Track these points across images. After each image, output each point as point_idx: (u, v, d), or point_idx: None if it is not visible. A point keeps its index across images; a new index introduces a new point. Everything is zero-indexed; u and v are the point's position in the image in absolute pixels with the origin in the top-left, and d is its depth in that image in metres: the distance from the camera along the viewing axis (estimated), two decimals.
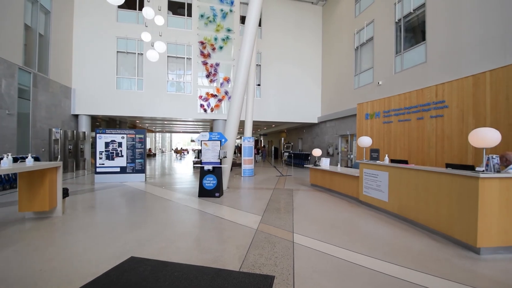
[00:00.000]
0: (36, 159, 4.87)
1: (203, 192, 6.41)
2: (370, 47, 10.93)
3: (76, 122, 12.81)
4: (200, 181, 6.49)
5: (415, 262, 2.88)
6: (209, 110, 13.59)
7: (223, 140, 6.90)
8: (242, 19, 13.69)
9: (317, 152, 8.05)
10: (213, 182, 6.44)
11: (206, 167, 6.54)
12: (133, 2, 12.96)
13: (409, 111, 7.34)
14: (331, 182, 7.16)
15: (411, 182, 4.30)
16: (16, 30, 8.98)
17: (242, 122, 11.60)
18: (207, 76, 13.58)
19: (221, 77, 13.76)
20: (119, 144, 8.87)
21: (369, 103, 8.96)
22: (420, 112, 7.00)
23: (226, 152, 7.16)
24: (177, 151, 28.49)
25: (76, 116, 12.74)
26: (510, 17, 5.73)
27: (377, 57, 10.43)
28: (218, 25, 13.59)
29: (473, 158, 5.53)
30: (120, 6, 12.56)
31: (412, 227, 4.15)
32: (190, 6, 13.54)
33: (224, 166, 6.94)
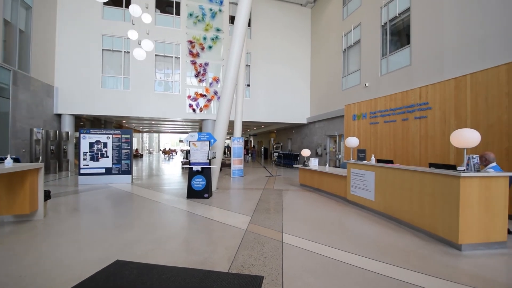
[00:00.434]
0: (16, 160, 4.66)
1: (192, 193, 6.33)
2: (358, 50, 11.15)
3: (59, 121, 12.33)
4: (188, 182, 6.41)
5: (400, 259, 2.96)
6: (198, 110, 13.43)
7: (212, 140, 6.85)
8: (232, 19, 13.63)
9: (306, 152, 8.14)
10: (202, 183, 6.37)
11: (195, 168, 6.46)
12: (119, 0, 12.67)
13: (394, 113, 7.54)
14: (320, 182, 7.25)
15: (396, 181, 4.42)
16: None
17: (232, 123, 11.57)
18: (196, 75, 13.43)
19: (210, 77, 13.64)
20: (104, 144, 8.64)
21: (356, 104, 9.15)
22: (405, 113, 7.21)
23: (215, 152, 7.11)
24: (165, 152, 28.03)
25: (59, 115, 12.27)
26: (489, 23, 6.00)
27: (364, 59, 10.65)
28: (207, 24, 13.47)
29: (454, 158, 5.75)
30: (106, 3, 12.21)
31: (397, 225, 4.26)
32: (178, 4, 13.35)
33: (213, 166, 6.89)
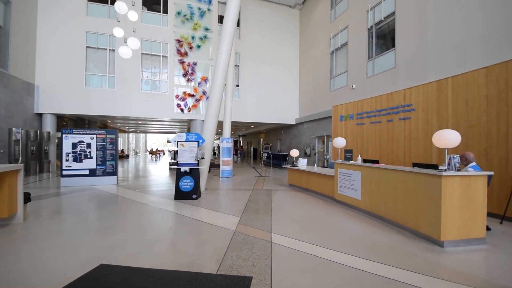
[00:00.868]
0: None
1: (180, 194, 6.24)
2: (345, 52, 11.36)
3: (40, 121, 11.83)
4: (176, 183, 6.31)
5: (386, 256, 3.03)
6: (186, 110, 13.26)
7: (201, 140, 6.78)
8: (221, 19, 13.57)
9: (295, 152, 8.20)
10: (190, 184, 6.29)
11: (183, 169, 6.37)
12: None
13: (380, 114, 7.73)
14: (308, 182, 7.33)
15: (382, 180, 4.53)
16: None
17: (221, 123, 11.49)
18: (184, 75, 13.25)
19: (198, 76, 13.50)
20: (88, 145, 8.37)
21: (343, 106, 9.32)
22: (390, 114, 7.41)
23: (203, 153, 7.04)
24: (152, 152, 27.50)
25: (40, 115, 11.78)
26: (469, 28, 6.26)
27: (351, 61, 10.86)
28: (195, 23, 13.32)
29: (437, 158, 5.96)
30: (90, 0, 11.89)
31: (383, 224, 4.36)
32: (166, 2, 13.14)
33: (201, 167, 6.82)
